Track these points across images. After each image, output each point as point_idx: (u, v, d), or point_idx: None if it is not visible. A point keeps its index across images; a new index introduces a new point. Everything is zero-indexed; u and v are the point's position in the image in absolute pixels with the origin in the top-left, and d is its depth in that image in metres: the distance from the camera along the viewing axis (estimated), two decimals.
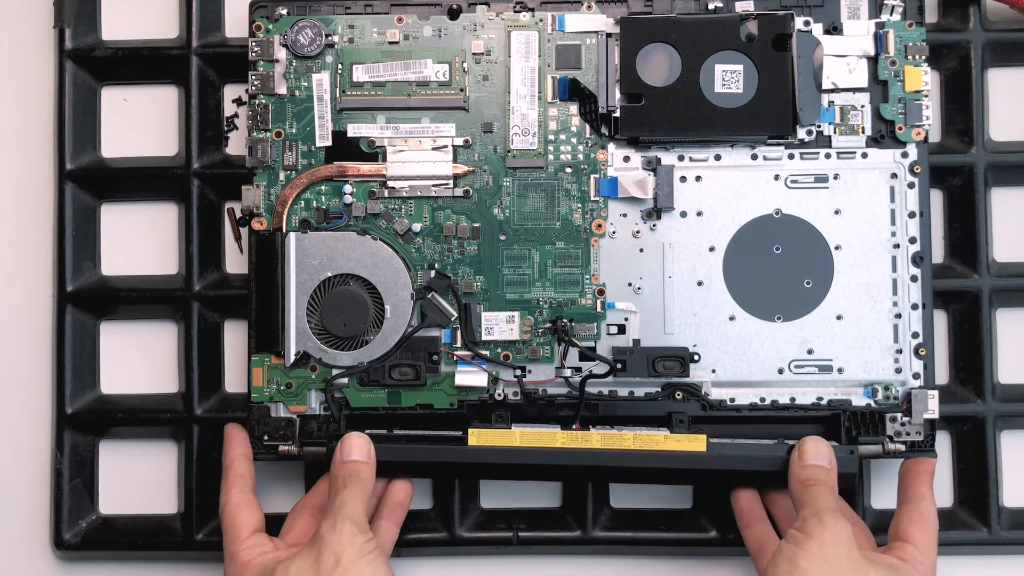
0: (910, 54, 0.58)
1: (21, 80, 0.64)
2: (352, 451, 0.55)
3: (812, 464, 0.54)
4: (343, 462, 0.55)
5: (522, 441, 0.56)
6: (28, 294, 0.63)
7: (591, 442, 0.56)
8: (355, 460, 0.55)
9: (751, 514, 0.57)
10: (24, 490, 0.62)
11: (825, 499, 0.53)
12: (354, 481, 0.54)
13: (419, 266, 0.58)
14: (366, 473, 0.55)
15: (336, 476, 0.54)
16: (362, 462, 0.55)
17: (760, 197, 0.58)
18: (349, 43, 0.59)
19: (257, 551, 0.54)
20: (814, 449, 0.55)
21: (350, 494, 0.54)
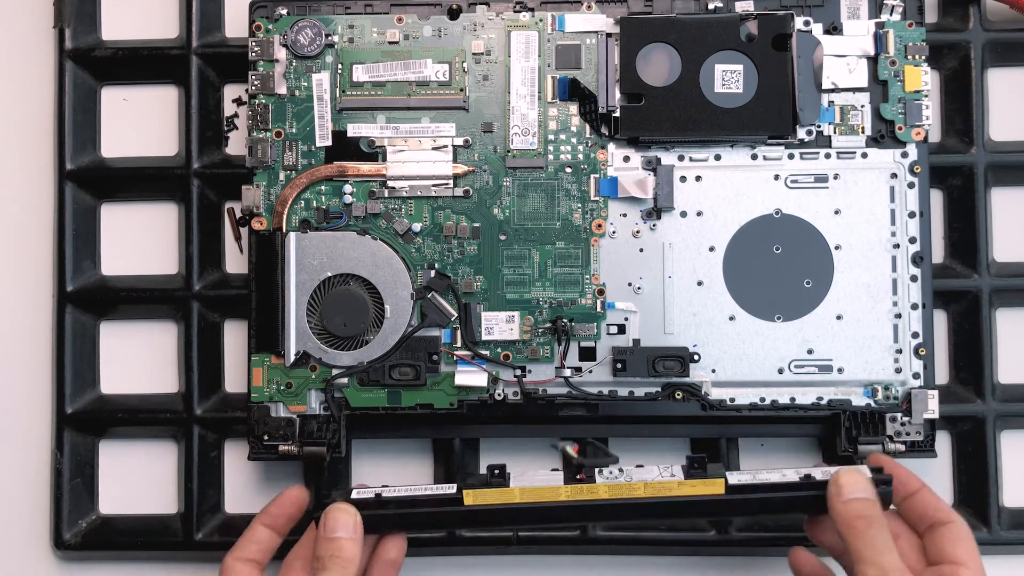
0: (910, 54, 0.58)
1: (21, 80, 0.64)
2: (337, 528, 0.52)
3: (855, 499, 0.51)
4: (326, 539, 0.52)
5: (522, 498, 0.52)
6: (28, 294, 0.63)
7: (597, 494, 0.52)
8: (338, 537, 0.52)
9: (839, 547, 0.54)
10: (24, 490, 0.62)
11: (886, 550, 0.49)
12: (335, 563, 0.51)
13: (419, 266, 0.58)
14: (349, 552, 0.52)
15: (318, 554, 0.52)
16: (345, 539, 0.52)
17: (760, 197, 0.58)
18: (349, 43, 0.59)
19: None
20: (851, 482, 0.51)
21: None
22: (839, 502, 0.51)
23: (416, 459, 0.62)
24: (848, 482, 0.51)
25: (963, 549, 0.51)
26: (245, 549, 0.54)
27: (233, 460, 0.62)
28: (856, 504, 0.51)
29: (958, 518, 0.52)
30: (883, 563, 0.49)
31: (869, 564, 0.49)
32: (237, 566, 0.53)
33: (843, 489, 0.51)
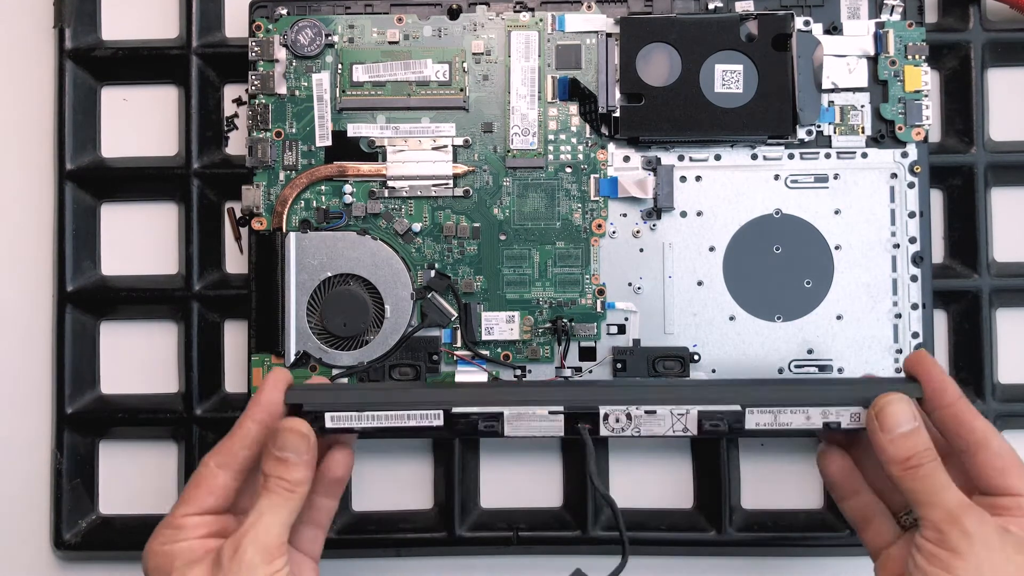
0: (910, 54, 0.58)
1: (21, 80, 0.64)
2: (286, 447, 0.47)
3: (903, 433, 0.45)
4: (274, 457, 0.47)
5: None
6: (28, 294, 0.63)
7: None
8: (287, 458, 0.46)
9: (847, 486, 0.50)
10: (24, 490, 0.62)
11: (945, 487, 0.44)
12: (281, 487, 0.46)
13: (419, 266, 0.58)
14: (297, 476, 0.46)
15: (264, 471, 0.47)
16: (294, 463, 0.46)
17: (760, 197, 0.58)
18: (349, 43, 0.59)
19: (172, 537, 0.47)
20: (897, 414, 0.46)
21: (272, 505, 0.46)
22: (885, 440, 0.45)
23: (416, 459, 0.62)
24: (894, 414, 0.46)
25: (1016, 477, 0.45)
26: (229, 451, 0.48)
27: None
28: (907, 441, 0.45)
29: (1000, 440, 0.46)
30: (947, 503, 0.44)
31: (932, 507, 0.44)
32: (215, 472, 0.47)
33: (888, 424, 0.46)
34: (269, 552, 0.45)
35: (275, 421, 0.48)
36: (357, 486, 0.62)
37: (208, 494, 0.47)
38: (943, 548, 0.43)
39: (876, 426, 0.46)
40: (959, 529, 0.43)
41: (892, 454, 0.45)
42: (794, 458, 0.61)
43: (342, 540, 0.60)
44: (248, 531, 0.45)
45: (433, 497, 0.62)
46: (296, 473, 0.46)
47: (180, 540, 0.46)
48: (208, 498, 0.47)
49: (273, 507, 0.46)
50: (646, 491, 0.61)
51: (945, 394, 0.47)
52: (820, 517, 0.60)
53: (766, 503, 0.61)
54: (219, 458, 0.48)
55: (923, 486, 0.44)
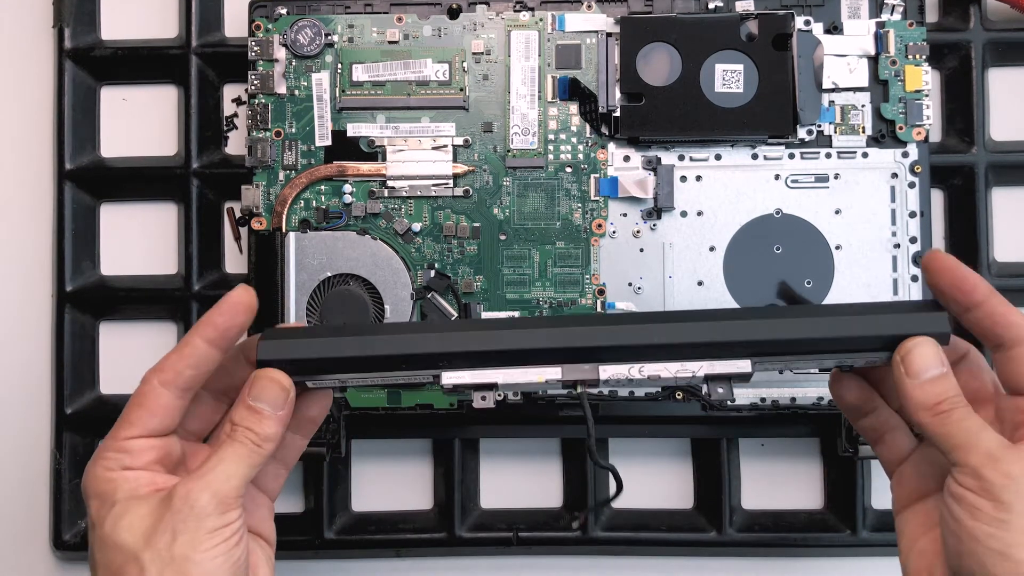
0: (910, 54, 0.58)
1: (20, 80, 0.64)
2: (262, 397, 0.43)
3: (931, 378, 0.42)
4: (246, 405, 0.43)
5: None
6: (27, 294, 0.63)
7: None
8: (261, 410, 0.43)
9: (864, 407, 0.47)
10: (24, 490, 0.62)
11: (981, 429, 0.41)
12: (247, 439, 0.43)
13: (419, 266, 0.58)
14: (268, 431, 0.43)
15: (232, 419, 0.43)
16: (268, 416, 0.43)
17: (760, 197, 0.58)
18: (349, 43, 0.59)
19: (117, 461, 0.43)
20: (924, 357, 0.42)
21: (235, 455, 0.43)
22: (913, 386, 0.42)
23: (416, 460, 0.62)
24: (921, 357, 0.42)
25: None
26: (173, 369, 0.43)
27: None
28: (935, 386, 0.42)
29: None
30: (985, 444, 0.40)
31: (968, 450, 0.40)
32: (158, 391, 0.43)
33: (914, 369, 0.42)
34: (224, 502, 0.42)
35: (228, 345, 0.44)
36: (357, 486, 0.62)
37: (151, 415, 0.44)
38: (985, 497, 0.39)
39: (902, 371, 0.43)
40: (1002, 472, 0.39)
41: (920, 400, 0.42)
42: (794, 458, 0.61)
43: (342, 540, 0.60)
44: (204, 476, 0.42)
45: (433, 497, 0.62)
46: (268, 427, 0.43)
47: (126, 467, 0.43)
48: (152, 419, 0.44)
49: (236, 457, 0.42)
50: (646, 491, 0.61)
51: (976, 292, 0.43)
52: (820, 517, 0.60)
53: (766, 503, 0.61)
54: (162, 375, 0.44)
55: (956, 429, 0.41)
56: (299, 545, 0.60)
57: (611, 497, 0.45)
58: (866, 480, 0.60)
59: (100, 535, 0.42)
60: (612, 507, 0.61)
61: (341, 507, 0.61)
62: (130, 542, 0.41)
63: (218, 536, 0.41)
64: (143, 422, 0.44)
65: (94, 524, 0.43)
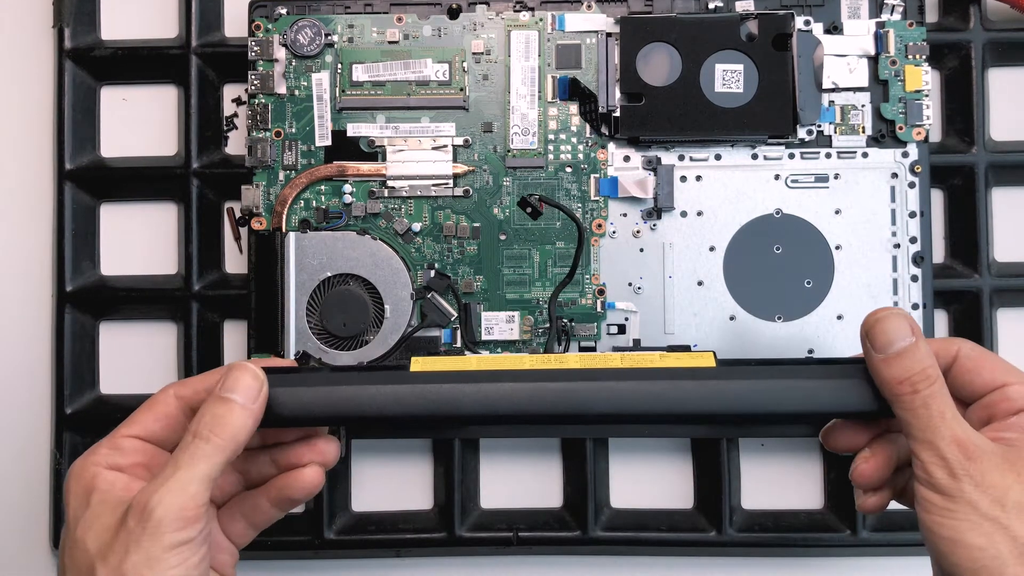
0: (910, 54, 0.58)
1: (21, 80, 0.64)
2: (235, 388, 0.40)
3: (896, 352, 0.38)
4: (217, 397, 0.40)
5: (480, 366, 0.43)
6: (28, 294, 0.63)
7: (567, 363, 0.44)
8: (231, 400, 0.40)
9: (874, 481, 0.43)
10: (24, 490, 0.62)
11: (946, 416, 0.37)
12: (214, 435, 0.39)
13: (419, 266, 0.58)
14: (236, 425, 0.40)
15: (200, 414, 0.40)
16: (239, 405, 0.40)
17: (760, 197, 0.58)
18: (349, 43, 0.59)
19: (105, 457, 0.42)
20: (890, 330, 0.39)
21: (193, 456, 0.39)
22: (880, 361, 0.39)
23: (416, 459, 0.62)
24: (886, 331, 0.39)
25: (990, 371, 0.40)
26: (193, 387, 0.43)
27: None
28: (902, 360, 0.39)
29: (972, 345, 0.41)
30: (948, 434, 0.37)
31: (930, 443, 0.37)
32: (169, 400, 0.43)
33: (880, 341, 0.39)
34: (182, 515, 0.38)
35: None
36: (357, 486, 0.62)
37: (156, 419, 0.42)
38: (948, 498, 0.36)
39: (869, 346, 0.40)
40: (965, 471, 0.36)
41: (886, 375, 0.39)
42: (794, 458, 0.61)
43: (342, 540, 0.60)
44: (160, 486, 0.38)
45: (433, 497, 0.61)
46: (236, 419, 0.40)
47: (112, 465, 0.41)
48: (154, 423, 0.42)
49: (195, 457, 0.39)
50: (646, 491, 0.61)
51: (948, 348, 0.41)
52: (820, 517, 0.60)
53: (766, 503, 0.61)
54: (180, 389, 0.43)
55: (921, 415, 0.38)
56: (299, 545, 0.60)
57: None
58: None
59: (72, 537, 0.40)
60: (612, 507, 0.61)
61: (341, 507, 0.61)
62: (92, 551, 0.39)
63: (176, 555, 0.38)
64: (145, 423, 0.43)
65: (68, 522, 0.41)
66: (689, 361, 0.43)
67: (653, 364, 0.43)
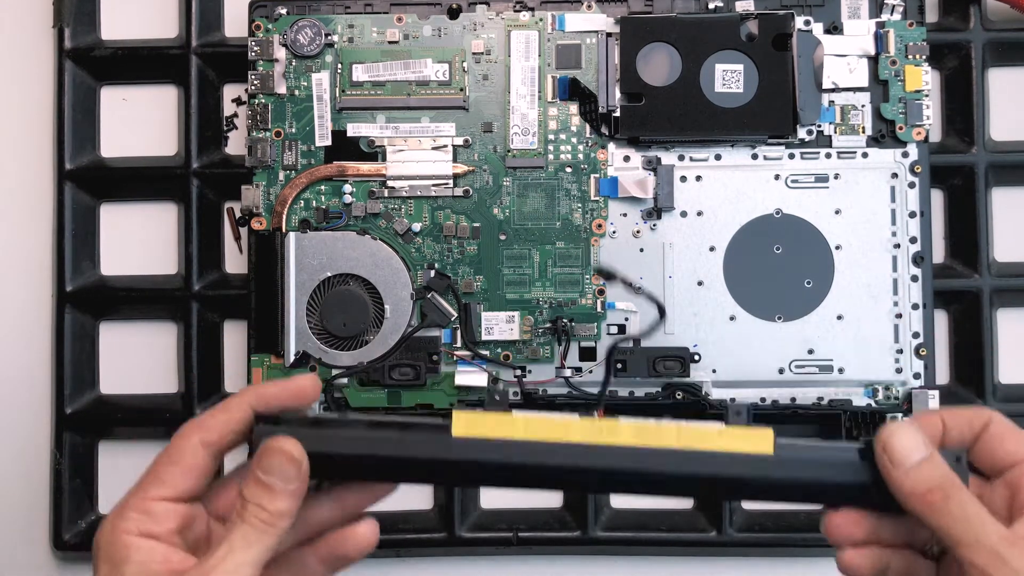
0: (910, 54, 0.58)
1: (21, 80, 0.64)
2: (272, 471, 0.40)
3: (915, 464, 0.40)
4: (256, 480, 0.40)
5: (527, 433, 0.42)
6: (27, 294, 0.63)
7: (619, 437, 0.41)
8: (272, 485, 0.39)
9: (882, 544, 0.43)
10: (24, 490, 0.62)
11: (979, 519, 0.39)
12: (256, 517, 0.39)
13: (419, 266, 0.58)
14: (280, 507, 0.39)
15: (243, 494, 0.40)
16: (280, 490, 0.39)
17: (760, 197, 0.58)
18: (349, 43, 0.59)
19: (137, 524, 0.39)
20: (906, 443, 0.40)
21: (244, 538, 0.39)
22: (900, 475, 0.40)
23: None
24: (901, 446, 0.40)
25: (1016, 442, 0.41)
26: (218, 431, 0.41)
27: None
28: (922, 471, 0.40)
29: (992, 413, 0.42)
30: (987, 538, 0.38)
31: (970, 547, 0.38)
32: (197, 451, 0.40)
33: (897, 457, 0.40)
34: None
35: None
36: None
37: (185, 476, 0.40)
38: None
39: (886, 461, 0.40)
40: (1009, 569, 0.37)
41: (910, 488, 0.40)
42: None
43: None
44: (214, 568, 0.38)
45: (433, 497, 0.61)
46: (279, 503, 0.39)
47: (145, 532, 0.39)
48: (185, 480, 0.40)
49: (246, 541, 0.39)
50: None
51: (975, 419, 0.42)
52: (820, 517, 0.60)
53: (766, 503, 0.61)
54: (206, 435, 0.40)
55: (953, 520, 0.39)
56: None
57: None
58: None
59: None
60: (612, 507, 0.61)
61: None
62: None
63: None
64: (175, 482, 0.40)
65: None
66: (746, 444, 0.41)
67: (710, 445, 0.41)
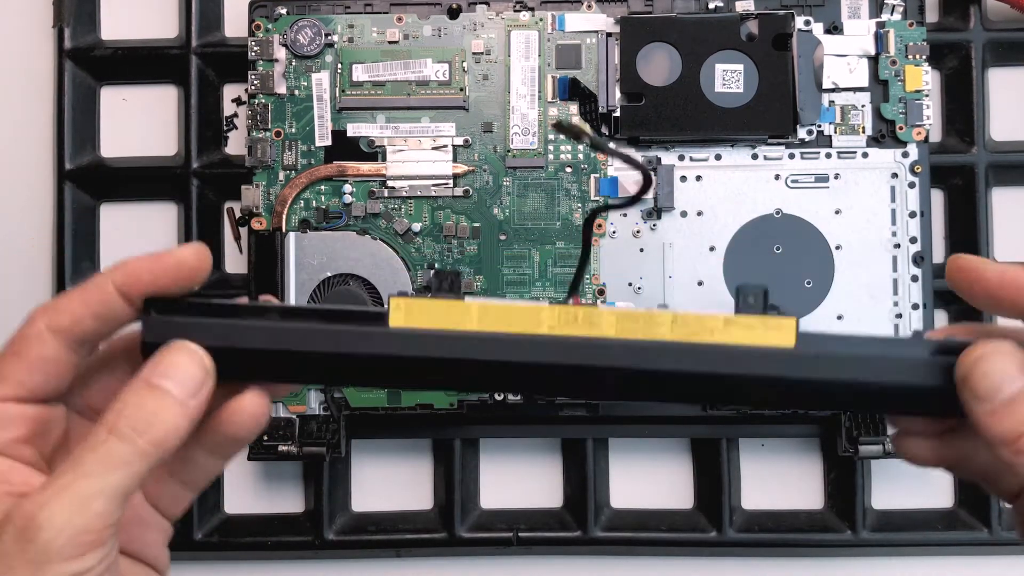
0: (911, 54, 0.58)
1: (20, 80, 0.64)
2: (173, 373, 0.30)
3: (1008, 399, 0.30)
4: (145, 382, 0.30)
5: (481, 323, 0.33)
6: (28, 294, 0.63)
7: (599, 327, 0.33)
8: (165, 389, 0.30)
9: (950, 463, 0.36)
10: None
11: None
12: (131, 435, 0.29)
13: (419, 266, 0.58)
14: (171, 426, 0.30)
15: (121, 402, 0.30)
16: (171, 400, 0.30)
17: (760, 197, 0.58)
18: (349, 42, 0.59)
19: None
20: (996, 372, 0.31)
21: (107, 459, 0.29)
22: (985, 413, 0.31)
23: (416, 459, 0.62)
24: (989, 374, 0.31)
25: None
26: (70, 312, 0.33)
27: (232, 460, 0.62)
28: (1015, 411, 0.30)
29: None
30: None
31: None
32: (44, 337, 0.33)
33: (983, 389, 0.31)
34: (79, 539, 0.28)
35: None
36: (357, 486, 0.62)
37: (32, 369, 0.32)
38: None
39: (969, 395, 0.32)
40: None
41: (998, 432, 0.31)
42: (794, 458, 0.61)
43: (342, 541, 0.60)
44: (52, 496, 0.28)
45: (433, 497, 0.61)
46: (168, 417, 0.30)
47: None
48: (33, 375, 0.32)
49: (107, 463, 0.29)
50: (646, 491, 0.61)
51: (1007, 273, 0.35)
52: (820, 517, 0.60)
53: (766, 503, 0.61)
54: (53, 316, 0.32)
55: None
56: (299, 545, 0.60)
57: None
58: (866, 480, 0.60)
59: None
60: (612, 507, 0.61)
61: (341, 507, 0.61)
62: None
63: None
64: (19, 377, 0.32)
65: None
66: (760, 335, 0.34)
67: (713, 338, 0.34)
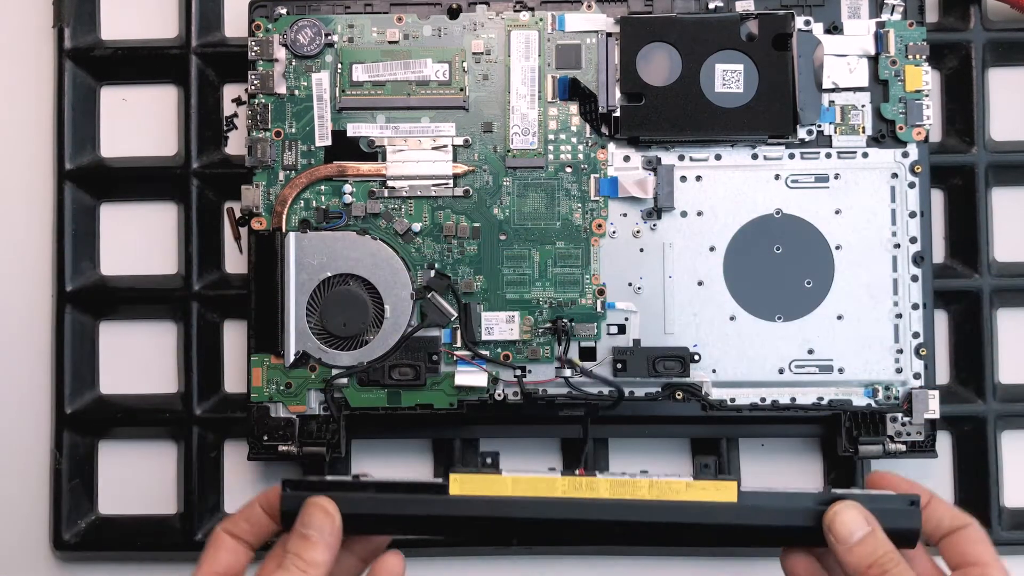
0: (911, 54, 0.58)
1: (20, 80, 0.64)
2: (310, 524, 0.46)
3: (858, 542, 0.45)
4: (297, 532, 0.46)
5: (514, 490, 0.48)
6: (27, 294, 0.63)
7: (597, 491, 0.48)
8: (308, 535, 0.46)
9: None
10: (23, 490, 0.62)
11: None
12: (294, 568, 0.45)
13: (419, 266, 0.58)
14: (314, 556, 0.45)
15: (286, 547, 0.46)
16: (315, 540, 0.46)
17: (760, 197, 0.58)
18: (349, 42, 0.59)
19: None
20: (848, 522, 0.46)
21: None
22: (844, 552, 0.45)
23: (416, 460, 0.62)
24: (845, 523, 0.46)
25: (984, 549, 0.47)
26: (237, 524, 0.48)
27: (233, 460, 0.62)
28: (864, 548, 0.45)
29: (973, 520, 0.48)
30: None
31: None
32: (226, 539, 0.47)
33: (841, 534, 0.46)
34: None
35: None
36: None
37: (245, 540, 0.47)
38: None
39: (833, 540, 0.46)
40: None
41: (854, 564, 0.45)
42: (794, 458, 0.61)
43: None
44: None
45: None
46: (315, 553, 0.45)
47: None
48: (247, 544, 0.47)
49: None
50: None
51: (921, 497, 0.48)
52: None
53: None
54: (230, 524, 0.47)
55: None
56: None
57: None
58: (866, 480, 0.60)
59: None
60: None
61: None
62: None
63: None
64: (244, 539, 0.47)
65: None
66: (714, 495, 0.48)
67: (679, 497, 0.48)
